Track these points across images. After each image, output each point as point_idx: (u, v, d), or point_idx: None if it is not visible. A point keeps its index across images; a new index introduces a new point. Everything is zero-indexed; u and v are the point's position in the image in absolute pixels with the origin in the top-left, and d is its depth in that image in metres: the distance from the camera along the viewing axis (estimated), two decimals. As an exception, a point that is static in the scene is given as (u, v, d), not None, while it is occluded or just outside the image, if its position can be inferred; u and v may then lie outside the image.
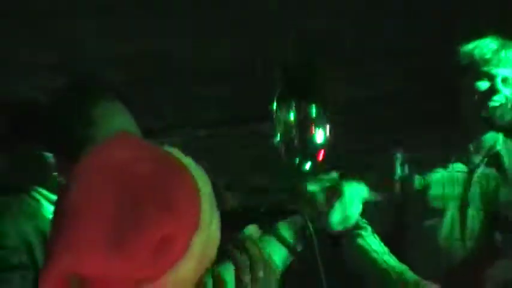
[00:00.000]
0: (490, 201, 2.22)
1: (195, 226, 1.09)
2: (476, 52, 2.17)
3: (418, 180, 2.28)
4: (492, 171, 2.24)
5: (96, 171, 1.09)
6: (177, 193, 1.09)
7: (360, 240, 2.09)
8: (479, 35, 2.17)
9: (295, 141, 1.60)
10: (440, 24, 3.24)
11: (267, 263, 1.39)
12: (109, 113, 1.76)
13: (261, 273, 1.34)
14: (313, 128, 1.59)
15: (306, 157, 1.63)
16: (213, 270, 1.24)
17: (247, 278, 1.33)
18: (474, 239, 2.21)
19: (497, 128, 2.16)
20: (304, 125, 1.60)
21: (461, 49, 2.22)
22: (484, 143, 2.25)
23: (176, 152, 1.15)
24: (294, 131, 1.59)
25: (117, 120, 1.75)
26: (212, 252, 1.16)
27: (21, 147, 1.85)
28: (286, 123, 1.61)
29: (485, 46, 2.17)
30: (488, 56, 2.15)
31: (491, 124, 2.17)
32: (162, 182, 1.09)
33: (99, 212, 1.05)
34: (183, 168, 1.11)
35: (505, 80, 2.16)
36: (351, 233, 2.16)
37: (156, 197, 1.07)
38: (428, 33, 3.17)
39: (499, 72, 2.15)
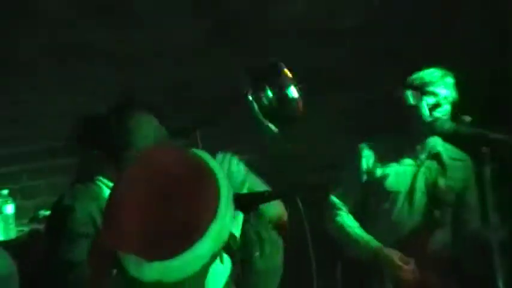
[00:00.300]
0: (431, 188, 2.96)
1: (212, 217, 1.38)
2: (426, 76, 2.91)
3: (379, 171, 3.01)
4: (434, 165, 2.96)
5: (141, 172, 1.43)
6: (201, 192, 1.40)
7: (338, 217, 3.04)
8: (427, 66, 2.97)
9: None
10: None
11: (274, 242, 1.79)
12: (141, 123, 2.42)
13: (267, 249, 1.75)
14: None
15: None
16: (229, 246, 1.54)
17: (257, 253, 1.71)
18: (419, 215, 2.95)
19: (438, 134, 2.82)
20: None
21: (415, 74, 2.94)
22: (427, 144, 2.97)
23: (205, 156, 1.46)
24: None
25: (147, 128, 2.41)
26: (225, 236, 1.45)
27: (86, 149, 2.58)
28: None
29: (432, 73, 2.91)
30: (435, 79, 2.89)
31: (433, 131, 2.82)
32: (190, 183, 1.40)
33: (137, 203, 1.37)
34: (209, 171, 1.42)
35: (445, 98, 2.87)
36: (331, 211, 3.00)
37: (184, 195, 1.37)
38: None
39: (442, 92, 2.87)
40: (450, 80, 2.94)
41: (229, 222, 1.46)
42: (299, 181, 3.62)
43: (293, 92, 2.10)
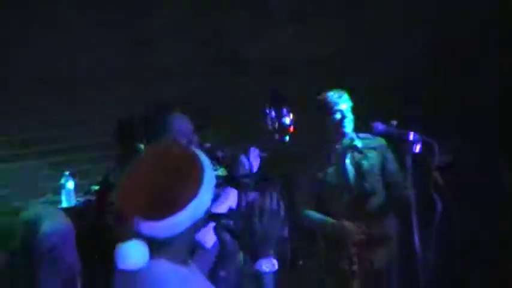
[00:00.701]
0: (358, 168, 3.64)
1: (192, 197, 1.68)
2: (329, 98, 3.64)
3: (321, 176, 3.68)
4: (355, 153, 3.67)
5: (148, 158, 1.76)
6: (188, 178, 1.69)
7: (303, 212, 3.73)
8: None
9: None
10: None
11: (273, 212, 1.93)
12: (175, 121, 2.80)
13: (265, 219, 1.91)
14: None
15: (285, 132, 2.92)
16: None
17: (256, 222, 1.89)
18: (356, 189, 3.61)
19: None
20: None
21: (319, 96, 3.67)
22: (345, 143, 3.68)
23: (199, 153, 1.77)
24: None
25: (179, 125, 2.78)
26: (202, 211, 1.72)
27: (128, 142, 3.14)
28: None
29: (333, 95, 3.64)
30: (336, 100, 3.63)
31: (343, 134, 3.64)
32: (181, 170, 1.69)
33: (139, 180, 1.69)
34: (198, 164, 1.73)
35: (346, 112, 3.62)
36: (299, 208, 3.74)
37: (175, 178, 1.67)
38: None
39: (343, 108, 3.62)
40: (345, 96, 3.64)
41: (206, 202, 1.75)
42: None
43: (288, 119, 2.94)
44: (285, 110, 2.98)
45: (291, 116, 2.97)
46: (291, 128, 2.96)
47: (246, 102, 4.16)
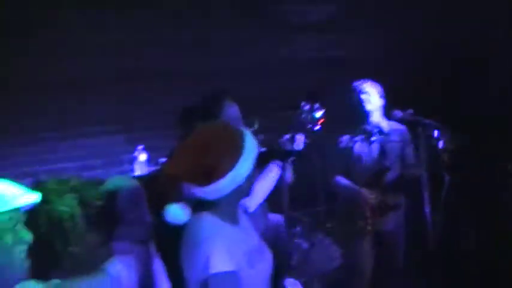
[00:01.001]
0: (380, 148, 4.09)
1: (233, 166, 1.96)
2: (363, 87, 4.14)
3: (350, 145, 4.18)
4: (381, 135, 4.13)
5: (200, 132, 2.02)
6: (229, 151, 1.96)
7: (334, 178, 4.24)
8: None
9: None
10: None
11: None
12: (228, 106, 3.11)
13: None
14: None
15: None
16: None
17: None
18: (376, 165, 4.12)
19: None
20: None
21: (356, 84, 4.16)
22: (372, 124, 4.14)
23: (244, 130, 2.02)
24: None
25: (229, 111, 3.09)
26: (240, 180, 1.97)
27: (191, 123, 3.15)
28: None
29: (367, 85, 4.15)
30: (370, 89, 4.14)
31: (372, 118, 4.12)
32: (224, 144, 1.94)
33: (188, 150, 1.94)
34: (240, 140, 1.98)
35: (376, 100, 4.12)
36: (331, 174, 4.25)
37: (218, 150, 1.93)
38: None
39: (373, 96, 4.12)
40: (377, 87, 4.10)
41: (244, 172, 2.00)
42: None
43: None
44: (316, 105, 3.49)
45: (322, 110, 3.49)
46: (321, 120, 3.49)
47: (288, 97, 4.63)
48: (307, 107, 3.44)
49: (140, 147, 4.85)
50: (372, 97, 4.16)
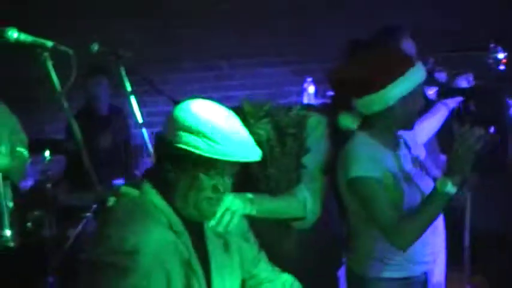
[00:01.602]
0: None
1: (385, 84, 2.12)
2: None
3: None
4: None
5: (363, 56, 2.28)
6: (392, 68, 2.13)
7: None
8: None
9: None
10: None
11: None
12: (402, 42, 3.06)
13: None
14: None
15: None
16: None
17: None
18: None
19: None
20: None
21: None
22: None
23: (416, 62, 2.19)
24: None
25: (404, 47, 3.03)
26: (393, 100, 2.13)
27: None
28: None
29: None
30: None
31: None
32: (390, 62, 2.17)
33: (352, 67, 2.21)
34: (407, 62, 2.17)
35: None
36: None
37: (381, 66, 2.14)
38: None
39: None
40: None
41: (396, 94, 2.14)
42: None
43: None
44: (499, 47, 3.43)
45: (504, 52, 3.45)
46: (504, 60, 3.43)
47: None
48: (493, 48, 3.42)
49: (309, 79, 4.89)
50: None
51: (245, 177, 1.87)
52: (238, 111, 1.94)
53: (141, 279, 1.57)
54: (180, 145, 1.65)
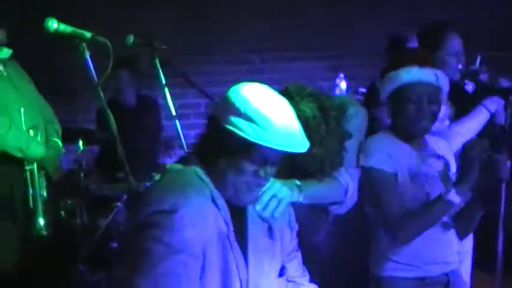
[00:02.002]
0: None
1: None
2: None
3: None
4: None
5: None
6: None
7: None
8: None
9: None
10: None
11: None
12: (448, 39, 3.06)
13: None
14: None
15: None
16: None
17: None
18: None
19: None
20: None
21: None
22: None
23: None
24: None
25: (451, 44, 3.05)
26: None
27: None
28: None
29: None
30: None
31: None
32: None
33: None
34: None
35: None
36: None
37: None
38: None
39: None
40: None
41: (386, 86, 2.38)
42: None
43: None
44: None
45: None
46: None
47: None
48: None
49: (342, 74, 4.89)
50: None
51: (292, 158, 1.86)
52: (283, 91, 2.02)
53: (175, 239, 1.60)
54: (228, 126, 1.68)
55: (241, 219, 1.79)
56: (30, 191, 2.94)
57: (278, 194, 1.93)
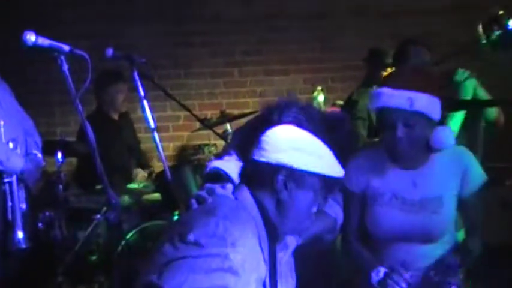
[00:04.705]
0: None
1: None
2: None
3: None
4: None
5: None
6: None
7: None
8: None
9: None
10: None
11: None
12: (414, 52, 3.24)
13: None
14: None
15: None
16: None
17: None
18: None
19: None
20: None
21: None
22: None
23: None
24: None
25: (416, 56, 3.22)
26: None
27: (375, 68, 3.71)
28: None
29: None
30: None
31: None
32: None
33: None
34: None
35: None
36: None
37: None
38: None
39: None
40: None
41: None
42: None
43: None
44: None
45: None
46: None
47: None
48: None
49: (319, 87, 4.69)
50: None
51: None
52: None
53: (227, 273, 1.55)
54: (285, 163, 1.68)
55: (273, 257, 1.75)
56: (9, 203, 2.92)
57: None
